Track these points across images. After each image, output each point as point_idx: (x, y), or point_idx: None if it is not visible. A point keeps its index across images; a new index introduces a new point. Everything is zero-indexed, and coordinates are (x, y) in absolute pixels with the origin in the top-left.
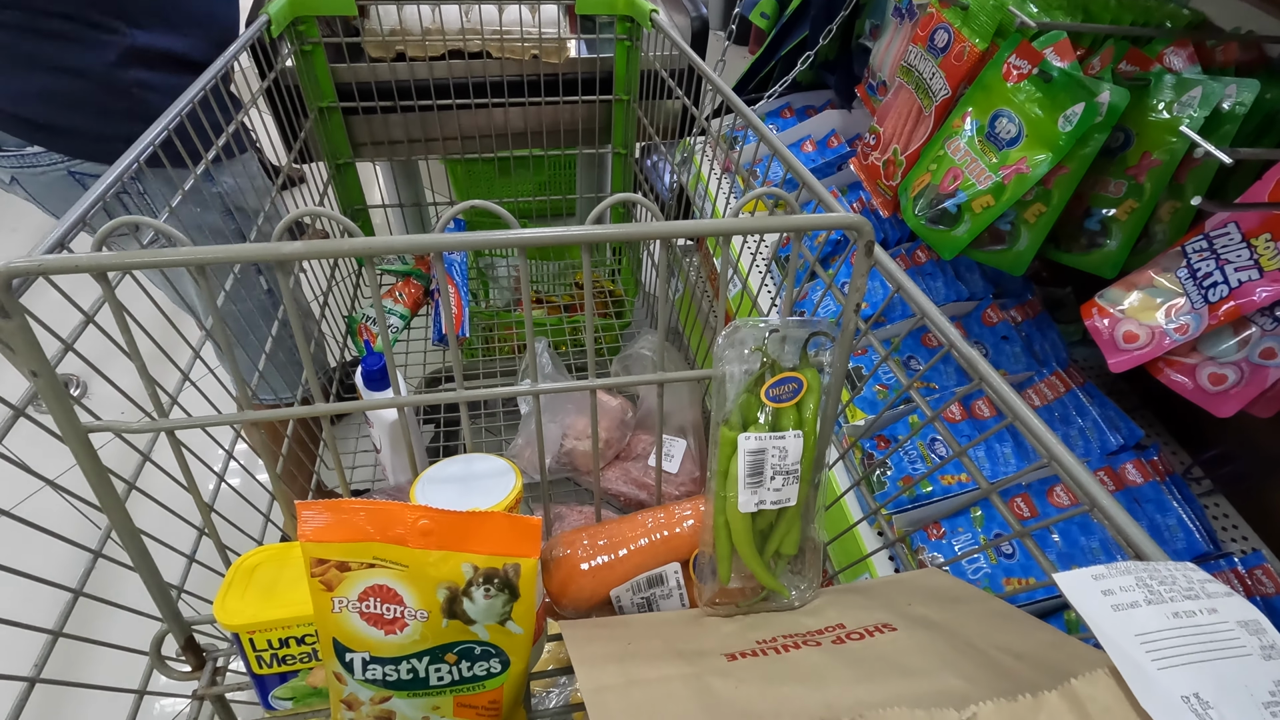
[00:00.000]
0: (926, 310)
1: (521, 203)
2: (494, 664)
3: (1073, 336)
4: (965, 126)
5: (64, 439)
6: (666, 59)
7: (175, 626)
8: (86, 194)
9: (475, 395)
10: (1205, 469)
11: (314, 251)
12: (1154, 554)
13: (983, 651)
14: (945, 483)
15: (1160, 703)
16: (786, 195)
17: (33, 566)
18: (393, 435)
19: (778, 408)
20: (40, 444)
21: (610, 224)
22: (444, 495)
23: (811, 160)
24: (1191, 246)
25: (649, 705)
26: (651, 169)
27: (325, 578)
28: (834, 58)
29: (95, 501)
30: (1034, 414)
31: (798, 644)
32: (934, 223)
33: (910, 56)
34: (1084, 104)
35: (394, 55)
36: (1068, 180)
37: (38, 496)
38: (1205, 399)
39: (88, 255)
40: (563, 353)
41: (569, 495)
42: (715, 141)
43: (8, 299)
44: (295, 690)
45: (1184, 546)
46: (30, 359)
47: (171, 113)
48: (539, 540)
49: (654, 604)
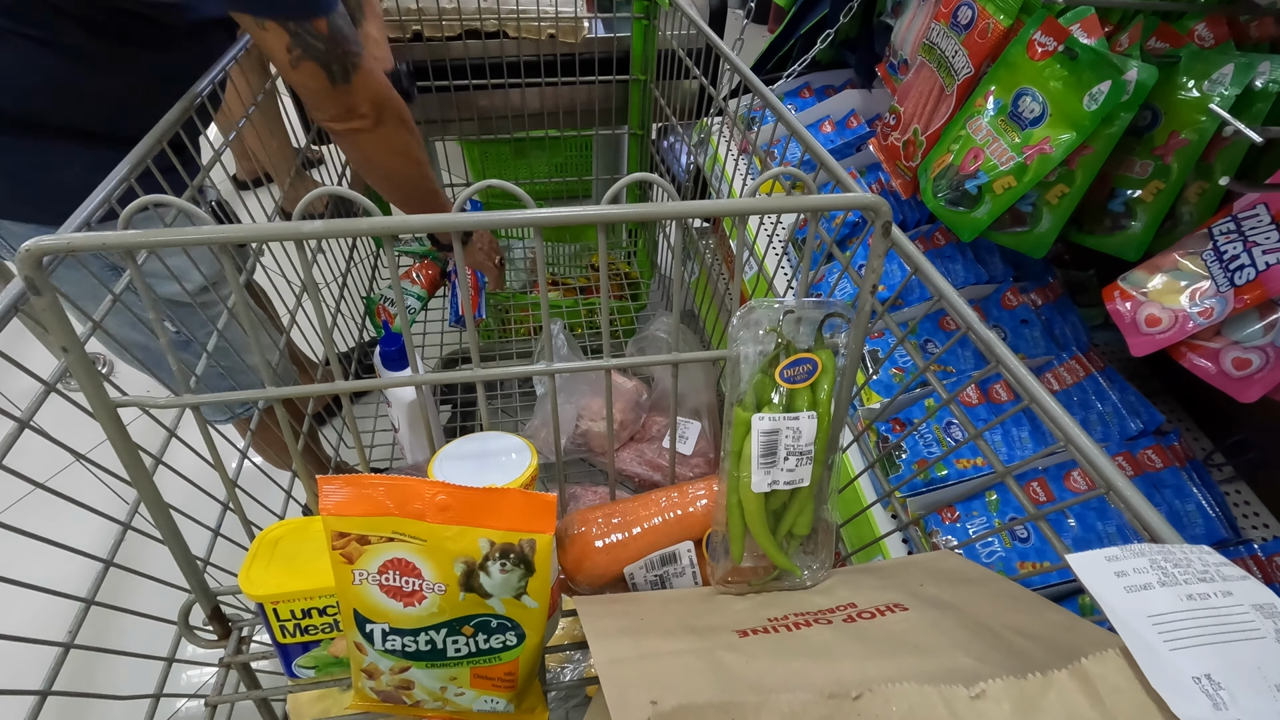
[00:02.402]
0: (944, 292)
1: (538, 184)
2: (510, 637)
3: (1094, 320)
4: (988, 105)
5: (94, 414)
6: (684, 38)
7: (202, 597)
8: (110, 175)
9: (491, 375)
10: (1227, 455)
11: (333, 230)
12: (1169, 537)
13: (994, 631)
14: (960, 466)
15: (1171, 683)
16: (804, 176)
17: (64, 539)
18: (411, 414)
19: (792, 388)
20: (70, 420)
21: (626, 204)
22: (461, 472)
23: (830, 141)
24: (1218, 228)
25: (661, 677)
26: (668, 150)
27: (346, 551)
28: (854, 36)
29: (124, 476)
30: (1051, 397)
31: (809, 622)
32: (954, 204)
33: (932, 34)
34: (1110, 82)
35: (410, 35)
36: (1092, 160)
37: (68, 472)
38: (1228, 384)
39: (115, 233)
40: (578, 335)
41: (583, 476)
42: (733, 122)
43: (39, 276)
44: (317, 659)
45: (1203, 532)
46: (61, 335)
47: (184, 101)
48: (554, 516)
49: (667, 581)
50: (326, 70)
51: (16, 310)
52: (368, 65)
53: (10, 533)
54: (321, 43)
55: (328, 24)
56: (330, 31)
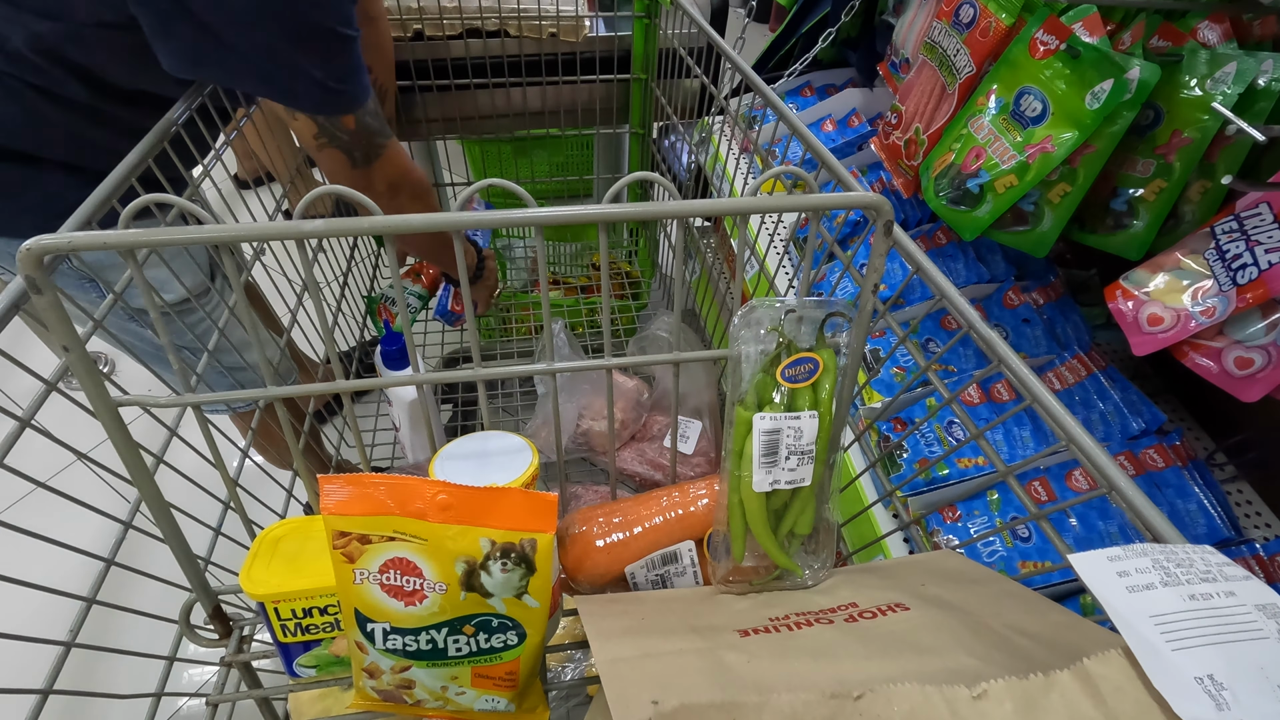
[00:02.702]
0: (945, 291)
1: (539, 183)
2: (511, 636)
3: (1096, 320)
4: (989, 104)
5: (95, 413)
6: (685, 37)
7: (203, 596)
8: (111, 174)
9: (493, 374)
10: (1229, 454)
11: (335, 229)
12: (1171, 537)
13: (996, 631)
14: (962, 466)
15: (1173, 682)
16: (805, 174)
17: (66, 538)
18: (412, 413)
19: (793, 388)
20: (71, 420)
21: (627, 203)
22: (462, 471)
23: (832, 140)
24: (1221, 227)
25: (662, 676)
26: (669, 149)
27: (347, 550)
28: (856, 35)
29: (125, 475)
30: (1052, 396)
31: (810, 621)
32: (955, 203)
33: (934, 33)
34: (1113, 80)
35: (412, 34)
36: (1094, 159)
37: (69, 471)
38: (1231, 383)
39: (116, 232)
40: (579, 334)
41: (584, 475)
42: (734, 121)
43: (40, 275)
44: (319, 659)
45: (1205, 532)
46: (62, 334)
47: (182, 106)
48: (555, 516)
49: (668, 581)
50: (349, 156)
51: (18, 309)
52: (391, 150)
53: (11, 532)
54: (347, 135)
55: (355, 120)
56: (357, 126)
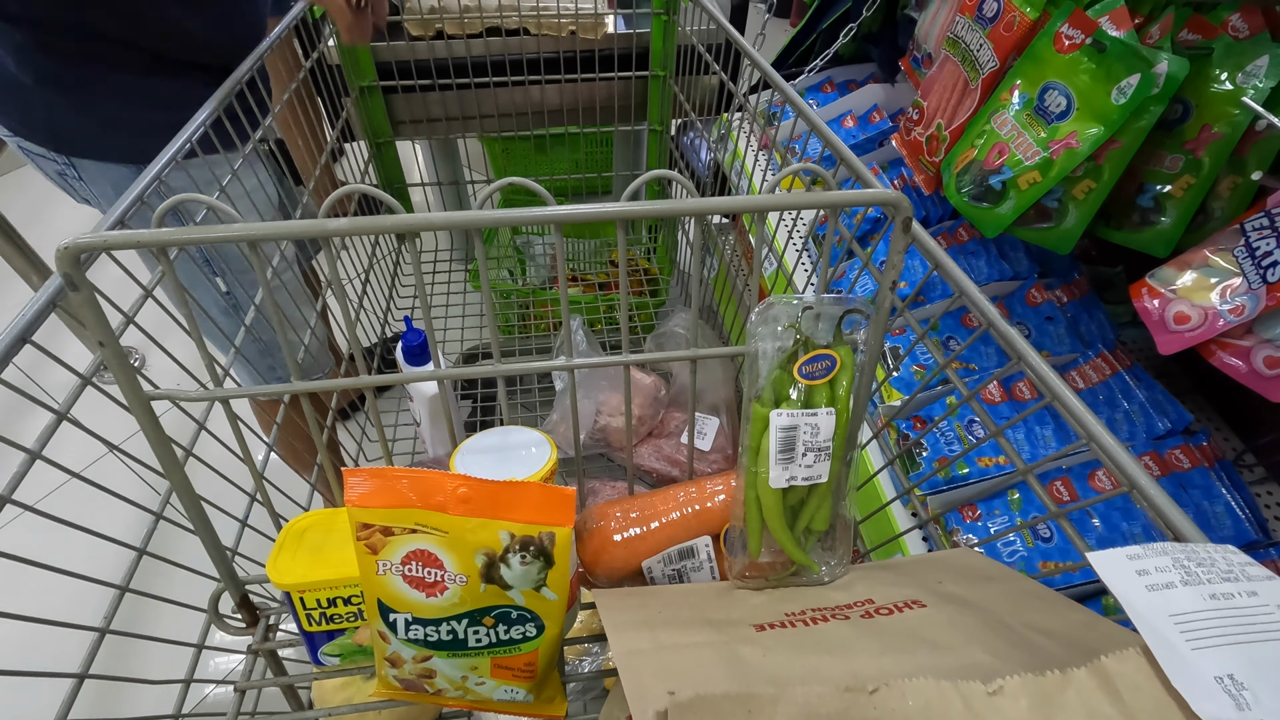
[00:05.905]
0: (965, 288)
1: (558, 180)
2: (529, 628)
3: (1121, 318)
4: (1013, 99)
5: (128, 406)
6: (704, 33)
7: (231, 585)
8: (143, 174)
9: (512, 370)
10: (1258, 456)
11: (358, 227)
12: (1193, 535)
13: (1013, 629)
14: (982, 465)
15: (1193, 682)
16: (823, 172)
17: (99, 527)
18: (432, 408)
19: (810, 385)
20: (103, 413)
21: (645, 200)
22: (482, 465)
23: (852, 136)
24: (1251, 224)
25: (678, 669)
26: (688, 146)
27: (370, 541)
28: (878, 30)
29: (157, 467)
30: (1074, 394)
31: (826, 617)
32: (977, 200)
33: (957, 27)
34: (1140, 75)
35: (433, 33)
36: (1120, 155)
37: (102, 462)
38: (1260, 383)
39: (149, 231)
40: (598, 330)
41: (602, 471)
42: (753, 118)
43: (76, 273)
44: (342, 647)
45: (1231, 534)
46: (97, 330)
47: (217, 98)
48: (573, 510)
49: (685, 576)
50: None
51: (55, 306)
52: None
53: (48, 520)
54: None
55: None
56: None
